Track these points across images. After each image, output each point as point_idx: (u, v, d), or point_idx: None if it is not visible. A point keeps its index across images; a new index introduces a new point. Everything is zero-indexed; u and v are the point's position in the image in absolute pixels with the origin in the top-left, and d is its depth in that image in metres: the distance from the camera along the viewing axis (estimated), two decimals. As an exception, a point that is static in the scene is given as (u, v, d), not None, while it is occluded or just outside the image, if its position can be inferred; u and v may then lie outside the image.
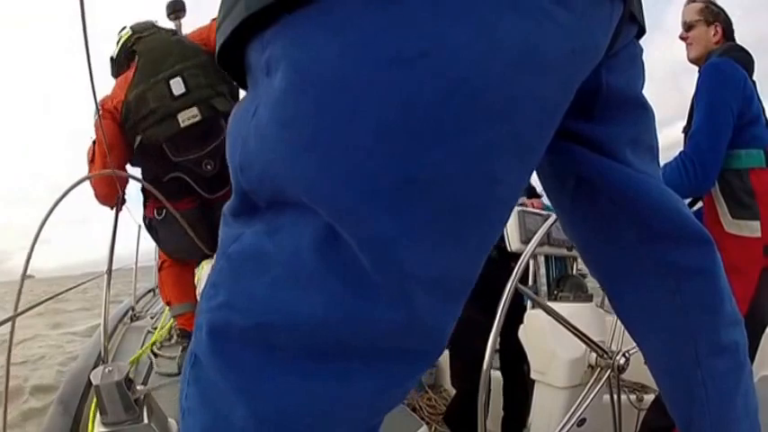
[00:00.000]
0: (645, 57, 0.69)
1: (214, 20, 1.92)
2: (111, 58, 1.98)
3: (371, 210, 0.39)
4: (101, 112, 1.72)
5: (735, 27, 1.69)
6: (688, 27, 1.77)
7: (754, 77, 1.63)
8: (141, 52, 1.82)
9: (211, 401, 0.45)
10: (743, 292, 1.50)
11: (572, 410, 1.52)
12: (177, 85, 1.70)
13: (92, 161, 1.85)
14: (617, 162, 0.65)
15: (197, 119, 1.71)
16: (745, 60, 1.61)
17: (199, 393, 0.46)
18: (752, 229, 1.53)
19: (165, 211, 1.83)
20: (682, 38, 1.78)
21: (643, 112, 0.68)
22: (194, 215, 1.85)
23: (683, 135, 1.67)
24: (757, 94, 1.62)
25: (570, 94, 0.49)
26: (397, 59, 0.37)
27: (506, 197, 0.46)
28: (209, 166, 1.76)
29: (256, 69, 0.45)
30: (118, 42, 1.98)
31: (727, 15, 1.72)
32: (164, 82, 1.71)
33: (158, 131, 1.71)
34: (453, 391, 2.64)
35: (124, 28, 2.02)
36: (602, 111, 0.63)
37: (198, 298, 2.20)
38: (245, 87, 0.51)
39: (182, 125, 1.70)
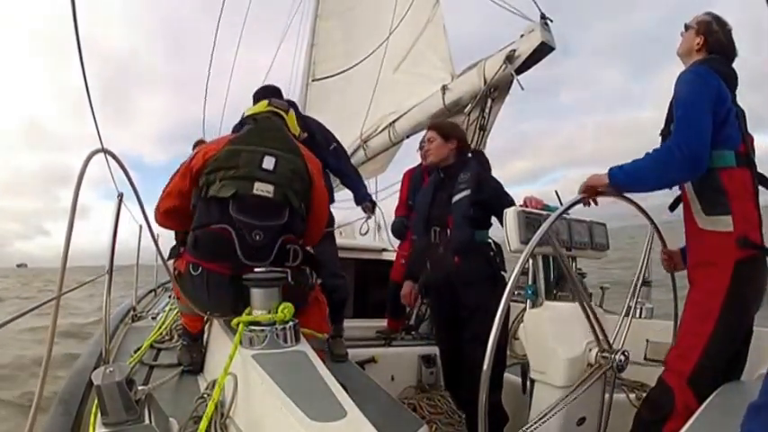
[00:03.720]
0: None
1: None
2: (243, 114, 2.22)
3: None
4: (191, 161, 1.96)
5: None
6: (685, 29, 1.81)
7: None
8: (258, 125, 2.08)
9: None
10: (717, 284, 1.56)
11: (570, 409, 1.53)
12: (269, 161, 1.91)
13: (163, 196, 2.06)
14: None
15: (268, 195, 1.87)
16: (723, 71, 1.66)
17: None
18: (725, 223, 1.58)
19: (200, 268, 1.89)
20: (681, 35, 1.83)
21: None
22: (222, 281, 1.88)
23: (660, 138, 1.70)
24: (736, 102, 1.65)
25: None
26: None
27: None
28: (257, 237, 1.86)
29: None
30: (255, 105, 2.24)
31: (723, 32, 1.74)
32: (260, 153, 1.91)
33: (233, 185, 1.85)
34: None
35: (265, 100, 2.27)
36: None
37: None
38: None
39: (254, 191, 1.86)
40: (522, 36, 3.22)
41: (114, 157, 1.96)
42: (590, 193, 1.71)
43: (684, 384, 1.53)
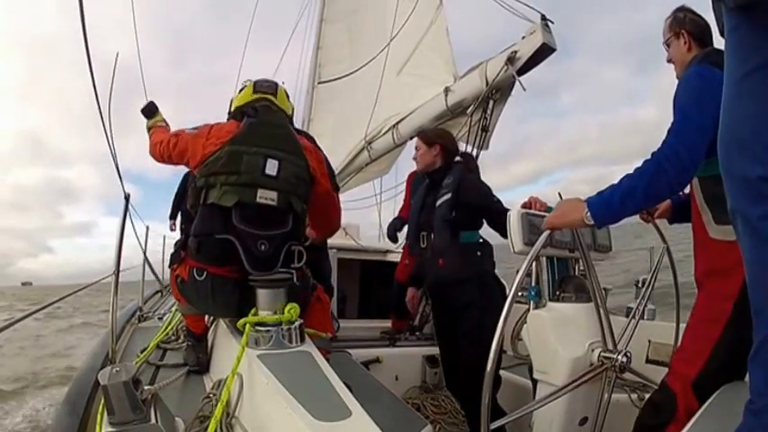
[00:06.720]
0: None
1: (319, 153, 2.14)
2: (231, 102, 2.15)
3: None
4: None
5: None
6: (667, 46, 1.73)
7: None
8: (259, 118, 1.97)
9: None
10: (728, 288, 1.48)
11: (571, 408, 1.53)
12: (272, 166, 1.85)
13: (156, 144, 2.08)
14: None
15: (272, 203, 1.84)
16: (722, 61, 1.55)
17: None
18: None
19: (206, 273, 1.86)
20: (668, 61, 1.74)
21: None
22: (228, 284, 1.87)
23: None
24: None
25: None
26: None
27: None
28: (262, 247, 1.83)
29: None
30: (241, 90, 2.13)
31: (695, 16, 1.67)
32: (262, 156, 1.85)
33: (235, 192, 1.81)
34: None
35: (248, 81, 2.16)
36: None
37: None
38: None
39: (257, 199, 1.82)
40: (523, 38, 3.22)
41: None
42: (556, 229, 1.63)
43: (688, 389, 1.49)
